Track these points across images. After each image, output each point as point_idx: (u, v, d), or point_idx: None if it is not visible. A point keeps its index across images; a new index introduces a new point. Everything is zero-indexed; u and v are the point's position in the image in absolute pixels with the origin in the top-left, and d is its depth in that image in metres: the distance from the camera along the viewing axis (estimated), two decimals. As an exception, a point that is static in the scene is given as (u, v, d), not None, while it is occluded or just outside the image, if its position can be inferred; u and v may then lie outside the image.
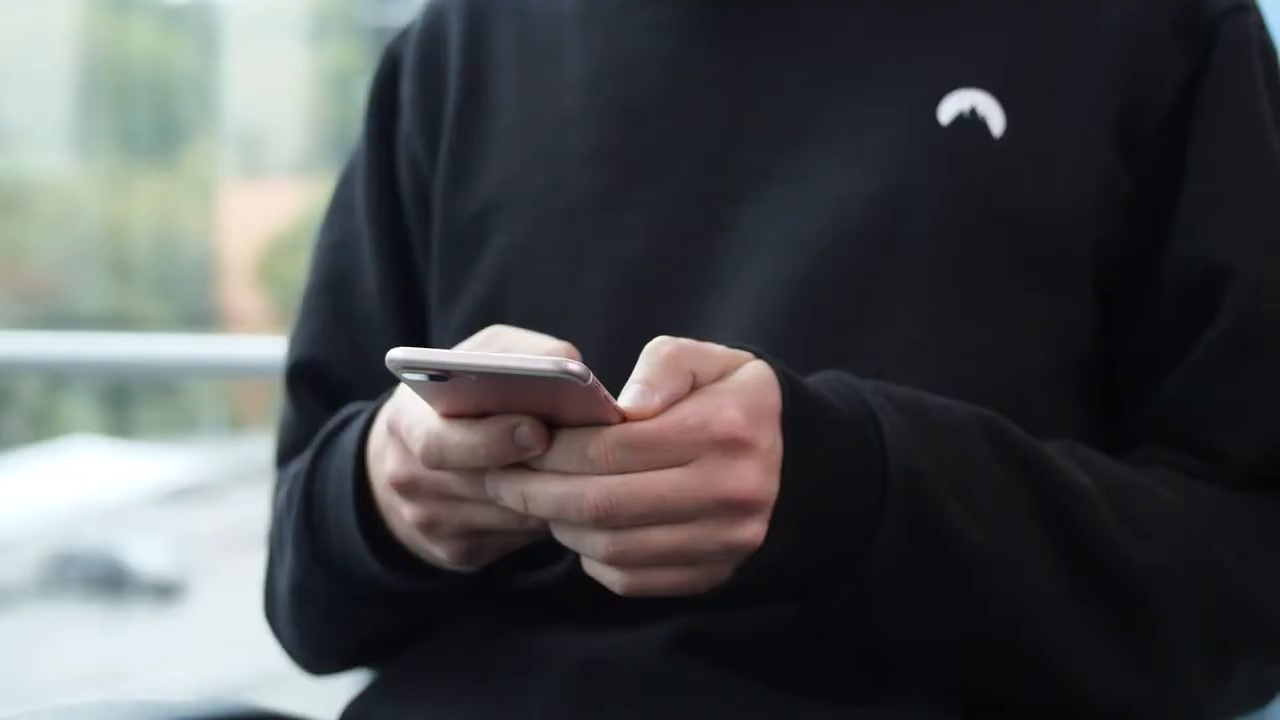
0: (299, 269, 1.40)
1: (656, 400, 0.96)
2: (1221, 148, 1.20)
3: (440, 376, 0.93)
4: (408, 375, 0.94)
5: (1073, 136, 1.19)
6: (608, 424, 0.96)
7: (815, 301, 1.17)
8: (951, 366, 1.16)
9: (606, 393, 0.94)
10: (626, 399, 0.96)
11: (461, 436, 0.98)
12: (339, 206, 1.38)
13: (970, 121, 1.19)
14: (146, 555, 13.67)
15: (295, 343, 1.36)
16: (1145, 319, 1.20)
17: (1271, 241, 1.19)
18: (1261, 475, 1.18)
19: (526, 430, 0.96)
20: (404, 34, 1.38)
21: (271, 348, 2.28)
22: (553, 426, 0.97)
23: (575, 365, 0.91)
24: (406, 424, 1.03)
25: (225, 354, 2.75)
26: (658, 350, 0.98)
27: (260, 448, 1.34)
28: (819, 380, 1.06)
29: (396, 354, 0.93)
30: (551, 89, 1.29)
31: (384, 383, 1.11)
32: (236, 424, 16.11)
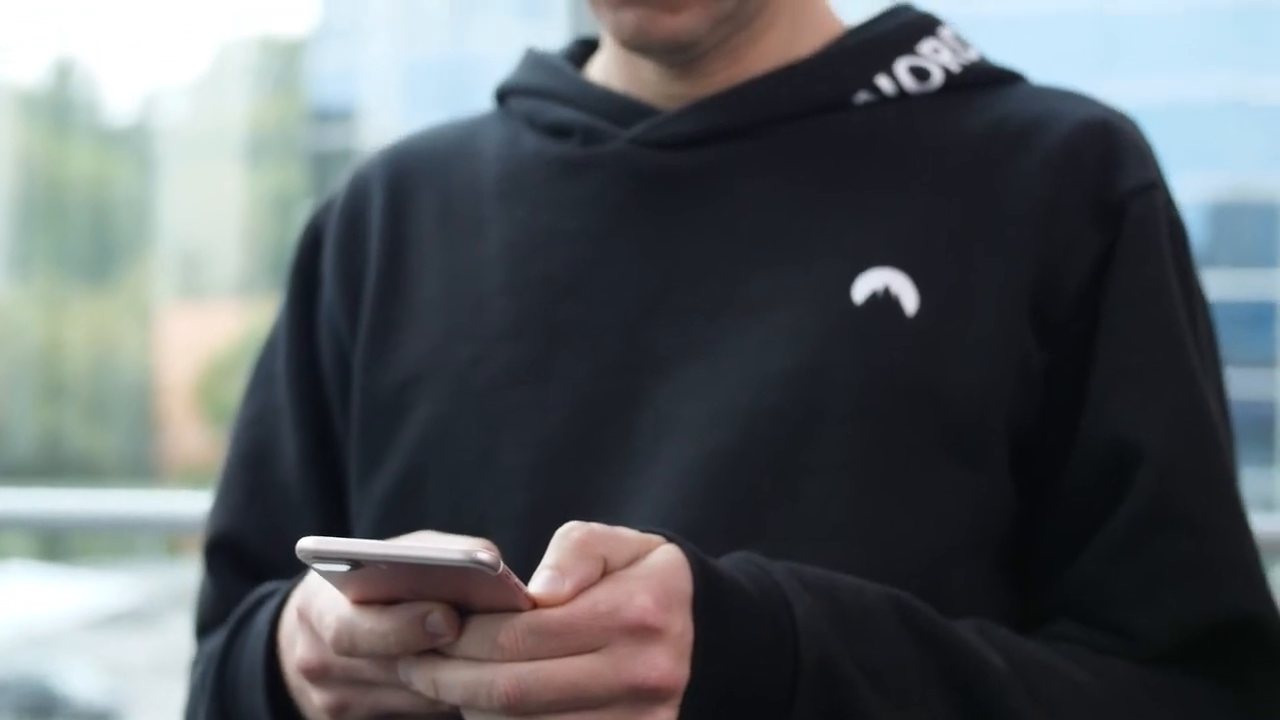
0: (238, 391, 1.40)
1: (567, 586, 0.96)
2: (1131, 327, 1.21)
3: (351, 565, 0.93)
4: (318, 565, 0.94)
5: (987, 315, 1.20)
6: (519, 610, 0.96)
7: (732, 480, 1.18)
8: (869, 544, 1.17)
9: (517, 580, 0.94)
10: (537, 584, 0.96)
11: (372, 624, 0.98)
12: (260, 379, 1.38)
13: (884, 301, 1.20)
14: (79, 682, 13.52)
15: (214, 516, 1.36)
16: (1059, 496, 1.21)
17: (1180, 422, 1.20)
18: (1174, 653, 1.18)
19: (438, 618, 0.96)
20: (327, 206, 1.38)
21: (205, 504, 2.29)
22: (464, 612, 0.97)
23: (486, 555, 0.91)
24: (318, 610, 1.03)
25: (159, 510, 2.74)
26: (568, 535, 0.98)
27: (196, 570, 1.35)
28: (731, 561, 1.07)
29: (306, 544, 0.93)
30: (472, 262, 1.30)
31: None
32: (174, 549, 16.01)
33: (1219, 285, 20.78)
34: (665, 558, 1.00)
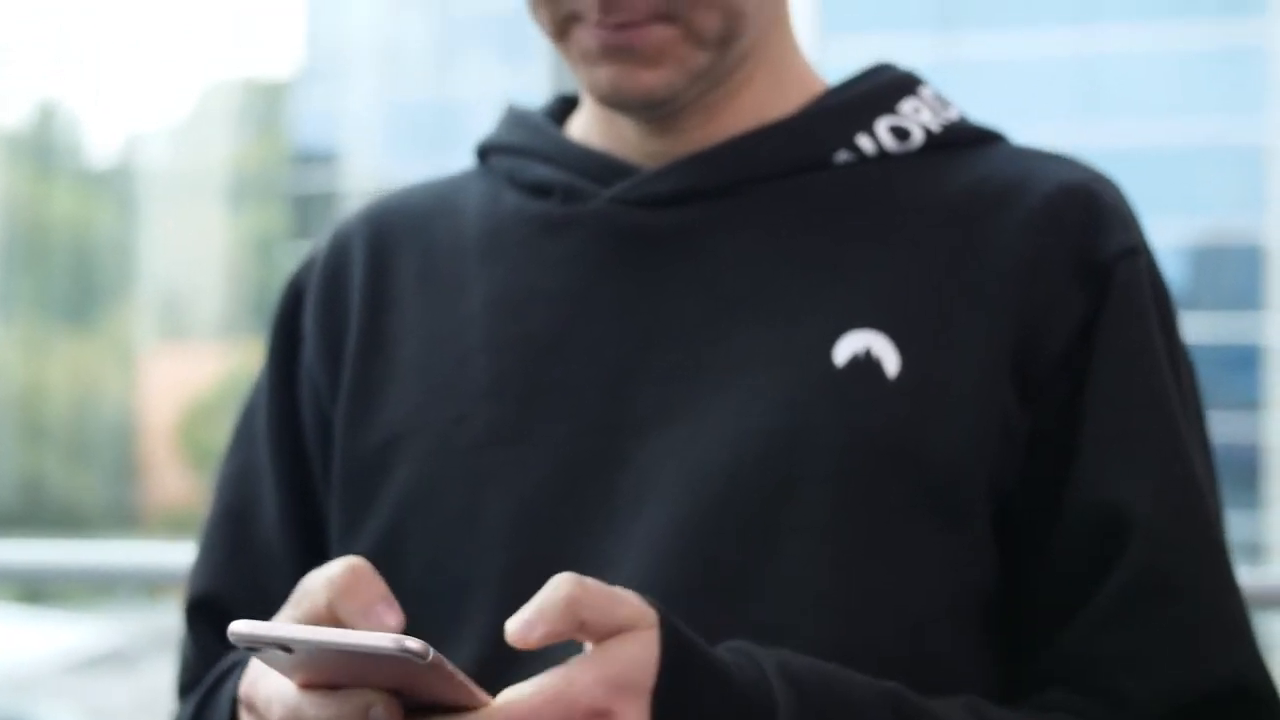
0: (220, 433, 1.40)
1: (533, 637, 0.97)
2: (1118, 392, 1.21)
3: (286, 650, 0.93)
4: (252, 650, 0.94)
5: (969, 376, 1.20)
6: (464, 707, 0.96)
7: (712, 544, 1.17)
8: (851, 606, 1.16)
9: (456, 671, 0.94)
10: (511, 621, 0.97)
11: (316, 711, 0.98)
12: (241, 436, 1.38)
13: (865, 364, 1.20)
14: (58, 725, 13.46)
15: (196, 575, 1.36)
16: (1047, 562, 1.20)
17: (1169, 488, 1.20)
18: None
19: (380, 710, 0.96)
20: (308, 264, 1.38)
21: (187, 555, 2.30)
22: (413, 705, 0.97)
23: (414, 643, 0.90)
24: (264, 697, 1.04)
25: (140, 561, 2.74)
26: (558, 588, 0.98)
27: (177, 613, 1.35)
28: (725, 651, 1.06)
29: (237, 627, 0.93)
30: (453, 321, 1.30)
31: (283, 617, 1.12)
32: (155, 591, 15.95)
33: (1203, 328, 20.84)
34: (632, 649, 1.00)
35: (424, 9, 25.77)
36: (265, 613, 1.26)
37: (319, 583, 1.06)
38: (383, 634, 0.92)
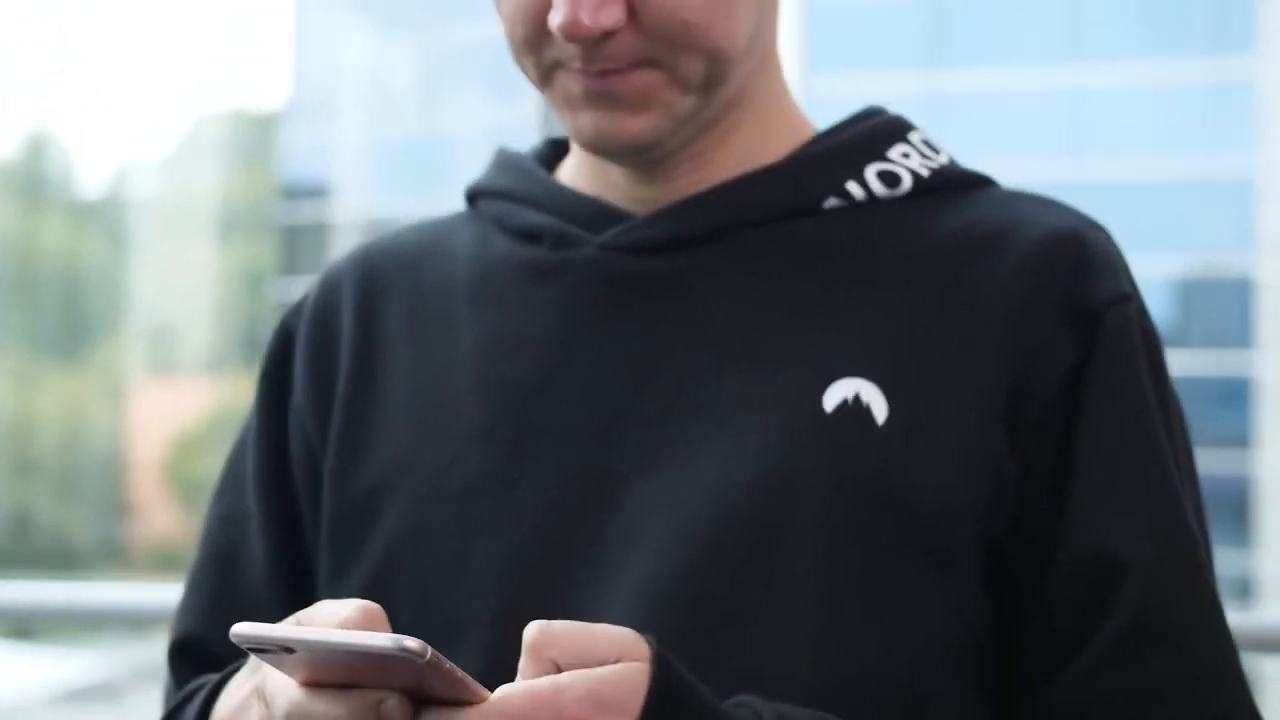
0: (208, 467, 1.40)
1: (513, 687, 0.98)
2: (1109, 440, 1.21)
3: (287, 651, 0.95)
4: (254, 650, 0.96)
5: (958, 422, 1.20)
6: (464, 702, 0.97)
7: (701, 590, 1.17)
8: (841, 654, 1.16)
9: (456, 668, 0.95)
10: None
11: (326, 707, 0.98)
12: (230, 479, 1.38)
13: (854, 409, 1.20)
14: (45, 760, 13.43)
15: (180, 617, 1.36)
16: (1039, 606, 1.20)
17: (1162, 533, 1.20)
18: None
19: (393, 705, 0.97)
20: (298, 308, 1.38)
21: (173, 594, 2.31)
22: (420, 705, 0.98)
23: (412, 642, 0.92)
24: (271, 690, 1.03)
25: (128, 601, 2.74)
26: (526, 635, 0.99)
27: (162, 645, 1.36)
28: (731, 704, 1.06)
29: (240, 629, 0.94)
30: (442, 365, 1.30)
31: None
32: (139, 623, 15.92)
33: (1194, 363, 20.87)
34: (623, 674, 1.00)
35: (413, 42, 25.83)
36: (246, 658, 1.26)
37: (330, 621, 1.06)
38: (382, 634, 0.93)
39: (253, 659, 1.09)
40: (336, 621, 1.04)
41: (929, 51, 23.60)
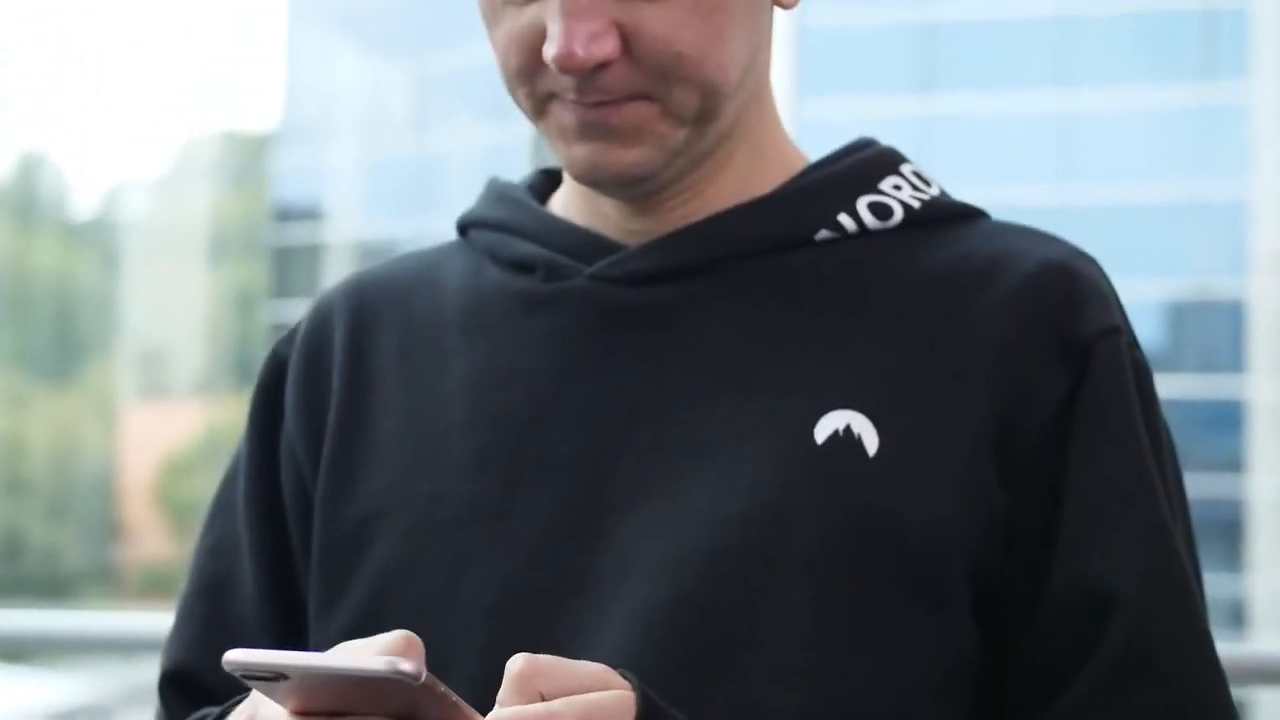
0: (199, 489, 1.40)
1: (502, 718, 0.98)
2: (1100, 474, 1.21)
3: (280, 677, 0.94)
4: (247, 677, 0.96)
5: (948, 454, 1.20)
6: None
7: (693, 623, 1.17)
8: (832, 687, 1.16)
9: (450, 692, 0.95)
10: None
11: None
12: (220, 508, 1.37)
13: (845, 441, 1.20)
14: (33, 782, 13.40)
15: (170, 647, 1.35)
16: (1030, 640, 1.20)
17: (1153, 566, 1.20)
18: None
19: None
20: (289, 337, 1.38)
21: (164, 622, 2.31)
22: None
23: (407, 664, 0.92)
24: (262, 718, 1.03)
25: (119, 629, 2.74)
26: (510, 666, 0.99)
27: (151, 669, 1.35)
28: None
29: (233, 655, 0.95)
30: (433, 397, 1.30)
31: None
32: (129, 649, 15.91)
33: (1185, 387, 20.88)
34: (613, 696, 1.01)
35: (405, 65, 25.85)
36: (237, 688, 1.26)
37: (372, 649, 1.04)
38: (375, 656, 0.93)
39: (253, 693, 1.09)
40: (378, 649, 1.04)
41: (920, 76, 23.63)
